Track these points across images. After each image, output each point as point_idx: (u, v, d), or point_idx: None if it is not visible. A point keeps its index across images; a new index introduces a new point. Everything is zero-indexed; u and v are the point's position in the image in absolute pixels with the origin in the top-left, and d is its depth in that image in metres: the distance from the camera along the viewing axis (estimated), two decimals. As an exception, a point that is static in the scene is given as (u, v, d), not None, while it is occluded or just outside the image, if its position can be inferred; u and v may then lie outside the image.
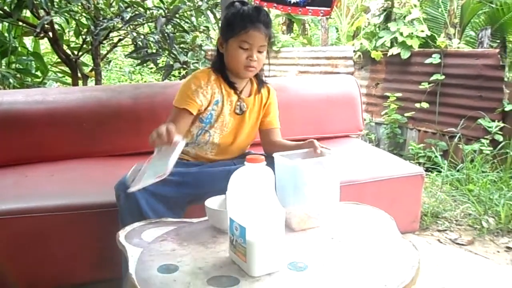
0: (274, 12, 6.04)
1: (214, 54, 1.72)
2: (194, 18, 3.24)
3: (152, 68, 6.45)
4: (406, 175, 2.11)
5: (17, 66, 3.47)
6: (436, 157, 3.23)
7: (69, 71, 3.46)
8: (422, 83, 3.57)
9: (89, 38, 3.24)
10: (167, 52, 3.09)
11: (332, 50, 4.58)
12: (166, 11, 2.97)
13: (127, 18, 2.84)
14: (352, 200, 1.50)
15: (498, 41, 4.37)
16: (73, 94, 2.27)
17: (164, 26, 2.87)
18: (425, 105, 3.57)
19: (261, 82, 1.74)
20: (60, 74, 3.94)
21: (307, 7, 2.40)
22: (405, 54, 3.70)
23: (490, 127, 3.10)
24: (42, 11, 2.96)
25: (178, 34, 3.27)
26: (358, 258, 1.12)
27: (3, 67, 3.22)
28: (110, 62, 6.17)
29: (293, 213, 1.25)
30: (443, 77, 3.46)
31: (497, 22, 4.46)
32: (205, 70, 1.67)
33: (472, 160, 3.01)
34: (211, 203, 1.31)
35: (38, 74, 3.62)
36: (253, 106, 1.72)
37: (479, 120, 3.18)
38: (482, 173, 2.88)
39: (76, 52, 3.39)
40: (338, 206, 1.36)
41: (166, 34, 3.00)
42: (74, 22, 3.36)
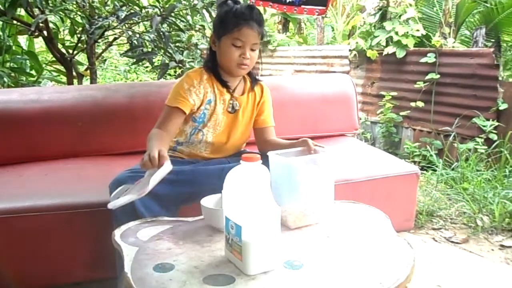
0: (269, 11, 6.04)
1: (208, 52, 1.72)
2: (189, 17, 3.23)
3: (147, 67, 6.44)
4: (401, 174, 2.12)
5: (11, 65, 3.44)
6: (431, 155, 3.24)
7: (64, 70, 3.43)
8: (417, 82, 3.59)
9: (84, 37, 3.22)
10: (163, 51, 3.08)
11: (327, 49, 4.59)
12: (161, 10, 2.96)
13: (123, 16, 2.82)
14: (347, 198, 1.50)
15: (492, 40, 4.39)
16: (68, 93, 2.26)
17: (159, 25, 2.85)
18: (420, 104, 3.58)
19: (254, 80, 1.74)
20: (55, 73, 3.91)
21: (302, 6, 2.41)
22: (400, 53, 3.71)
23: (484, 126, 3.12)
24: (37, 10, 2.94)
25: (173, 33, 3.26)
26: (354, 256, 1.12)
27: (-2, 66, 3.19)
28: (106, 61, 6.14)
29: (288, 211, 1.26)
30: (438, 76, 3.48)
31: (491, 22, 4.48)
32: (197, 70, 1.67)
33: (466, 158, 3.03)
34: (207, 202, 1.31)
35: (33, 73, 3.60)
36: (246, 105, 1.72)
37: (474, 119, 3.20)
38: (476, 171, 2.90)
39: (71, 51, 3.37)
40: (333, 204, 1.36)
41: (161, 33, 2.98)
42: (69, 20, 3.34)
